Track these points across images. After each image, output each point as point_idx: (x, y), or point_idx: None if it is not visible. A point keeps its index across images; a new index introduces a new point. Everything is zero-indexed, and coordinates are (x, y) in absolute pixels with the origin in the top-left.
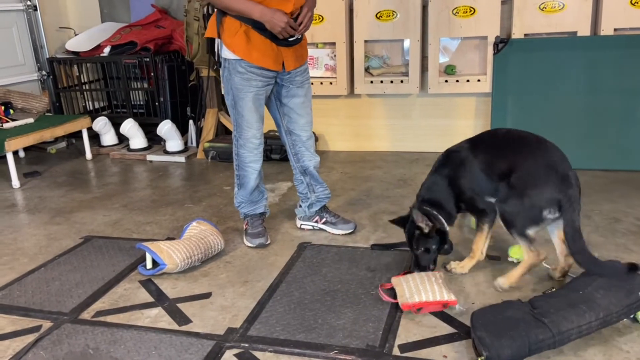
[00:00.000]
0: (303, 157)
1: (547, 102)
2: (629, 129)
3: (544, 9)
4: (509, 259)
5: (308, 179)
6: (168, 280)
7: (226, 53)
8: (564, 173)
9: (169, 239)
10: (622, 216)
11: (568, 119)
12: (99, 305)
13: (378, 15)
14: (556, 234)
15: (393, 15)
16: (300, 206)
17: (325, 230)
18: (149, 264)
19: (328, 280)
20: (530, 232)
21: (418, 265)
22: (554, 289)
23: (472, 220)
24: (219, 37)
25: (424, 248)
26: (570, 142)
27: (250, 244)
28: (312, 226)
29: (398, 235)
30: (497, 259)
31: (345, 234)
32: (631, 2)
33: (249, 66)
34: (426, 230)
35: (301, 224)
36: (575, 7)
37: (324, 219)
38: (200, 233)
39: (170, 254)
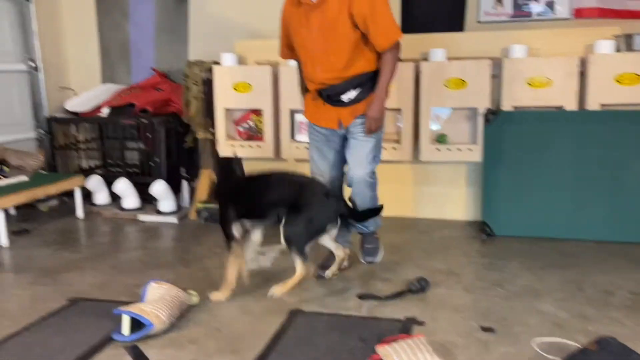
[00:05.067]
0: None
1: (537, 173)
2: (618, 200)
3: (531, 84)
4: None
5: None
6: (154, 348)
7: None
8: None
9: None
10: (615, 289)
11: (559, 190)
12: None
13: None
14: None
15: None
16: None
17: None
18: (125, 330)
19: (319, 350)
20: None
21: None
22: None
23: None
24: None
25: None
26: (561, 212)
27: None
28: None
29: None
30: (491, 330)
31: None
32: (616, 79)
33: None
34: None
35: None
36: (562, 83)
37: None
38: (168, 291)
39: (156, 313)
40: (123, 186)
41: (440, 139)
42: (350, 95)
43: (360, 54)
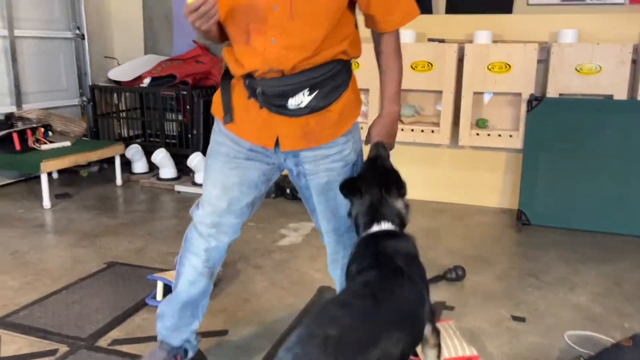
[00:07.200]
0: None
1: (580, 163)
2: None
3: (580, 70)
4: None
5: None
6: None
7: None
8: None
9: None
10: None
11: (601, 182)
12: (116, 333)
13: (413, 66)
14: None
15: (429, 67)
16: None
17: None
18: (159, 296)
19: None
20: None
21: None
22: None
23: None
24: None
25: None
26: (603, 205)
27: None
28: None
29: None
30: (522, 320)
31: None
32: None
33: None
34: None
35: None
36: (613, 70)
37: None
38: None
39: None
40: (161, 156)
41: (480, 123)
42: (299, 100)
43: (340, 31)
